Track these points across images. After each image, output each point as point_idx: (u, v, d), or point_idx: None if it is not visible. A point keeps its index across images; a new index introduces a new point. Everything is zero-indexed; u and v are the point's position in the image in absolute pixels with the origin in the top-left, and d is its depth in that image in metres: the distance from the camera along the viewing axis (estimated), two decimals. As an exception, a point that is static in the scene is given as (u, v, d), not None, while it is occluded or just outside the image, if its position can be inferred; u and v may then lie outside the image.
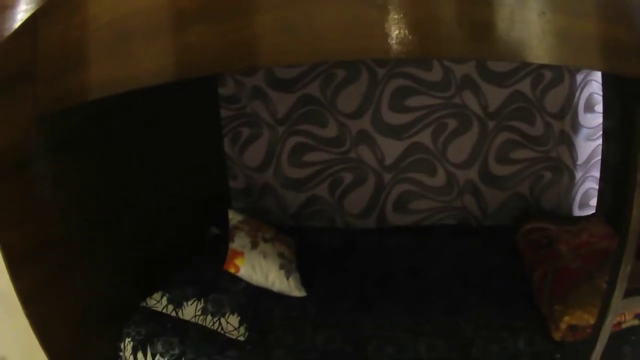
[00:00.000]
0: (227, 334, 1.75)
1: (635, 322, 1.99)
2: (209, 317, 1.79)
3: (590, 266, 2.16)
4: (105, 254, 1.67)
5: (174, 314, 1.76)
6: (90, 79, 1.07)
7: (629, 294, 1.40)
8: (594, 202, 2.68)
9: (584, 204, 2.67)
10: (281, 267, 2.08)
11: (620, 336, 1.87)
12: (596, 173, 2.64)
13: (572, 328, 1.92)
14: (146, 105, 1.85)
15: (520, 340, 1.89)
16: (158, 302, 1.77)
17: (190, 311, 1.77)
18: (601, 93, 2.61)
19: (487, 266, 2.41)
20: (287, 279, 2.05)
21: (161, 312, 1.76)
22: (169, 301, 1.76)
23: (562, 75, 2.52)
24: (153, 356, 1.65)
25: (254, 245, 2.10)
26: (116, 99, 1.15)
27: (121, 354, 1.68)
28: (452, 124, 2.46)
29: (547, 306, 2.04)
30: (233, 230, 2.14)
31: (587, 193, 2.67)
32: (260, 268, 2.02)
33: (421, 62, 2.40)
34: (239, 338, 1.75)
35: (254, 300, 1.94)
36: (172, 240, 2.06)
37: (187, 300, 1.77)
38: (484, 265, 2.41)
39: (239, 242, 2.08)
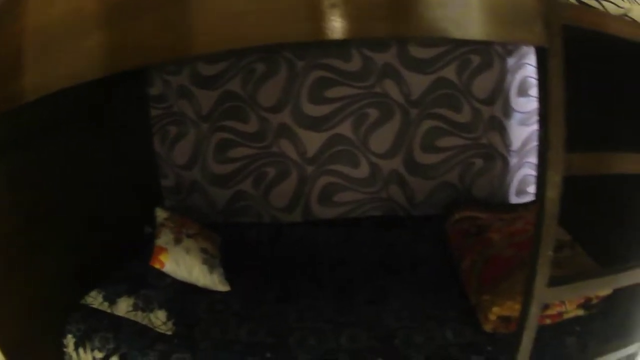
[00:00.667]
0: (156, 329, 1.74)
1: (580, 312, 1.84)
2: (140, 313, 1.78)
3: (525, 254, 2.03)
4: (47, 253, 1.69)
5: (109, 310, 1.78)
6: (25, 83, 1.17)
7: (556, 282, 1.30)
8: (532, 189, 2.54)
9: (521, 191, 2.52)
10: (204, 262, 2.05)
11: (562, 327, 1.74)
12: (533, 159, 2.50)
13: (504, 319, 1.78)
14: (82, 107, 1.93)
15: (448, 331, 1.78)
16: (95, 300, 1.79)
17: (122, 307, 1.78)
18: (536, 76, 2.51)
19: (415, 256, 2.31)
20: (211, 273, 2.02)
21: (98, 309, 1.78)
22: (104, 298, 1.78)
23: (491, 60, 2.43)
24: (92, 351, 1.68)
25: (178, 242, 2.08)
26: (54, 103, 1.23)
27: (65, 349, 1.71)
28: (373, 113, 2.39)
29: (475, 296, 1.92)
30: (159, 227, 2.14)
31: (524, 180, 2.52)
32: (184, 263, 1.99)
33: (340, 53, 2.36)
34: (167, 332, 1.74)
35: (181, 296, 1.92)
36: (110, 239, 2.07)
37: (119, 297, 1.79)
38: (411, 256, 2.30)
39: (163, 238, 2.06)
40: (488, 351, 1.67)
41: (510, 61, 2.44)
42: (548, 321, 1.77)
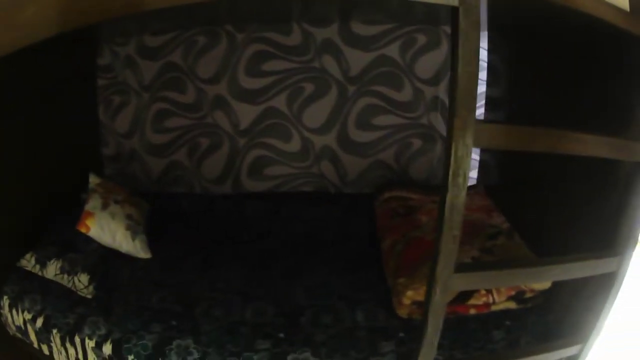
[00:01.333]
0: (78, 292, 1.73)
1: (511, 305, 1.68)
2: (66, 276, 1.76)
3: None
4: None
5: (40, 273, 1.77)
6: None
7: (463, 269, 1.17)
8: (475, 173, 2.37)
9: None
10: (127, 228, 1.99)
11: (490, 319, 1.59)
12: (478, 143, 2.34)
13: (420, 305, 1.62)
14: (33, 76, 1.93)
15: (359, 312, 1.65)
16: (28, 262, 1.78)
17: (51, 270, 1.76)
18: (487, 60, 2.38)
19: (340, 234, 2.17)
20: (133, 240, 1.96)
21: (31, 272, 1.78)
22: (36, 261, 1.77)
23: (438, 40, 2.32)
24: (22, 312, 1.68)
25: (105, 207, 2.04)
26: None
27: (2, 310, 1.72)
28: (309, 88, 2.30)
29: (392, 279, 1.78)
30: (90, 193, 2.13)
31: None
32: (108, 229, 1.93)
33: (281, 27, 2.32)
34: (87, 296, 1.72)
35: (104, 260, 1.88)
36: (49, 204, 2.05)
37: (49, 260, 1.78)
38: (336, 233, 2.17)
39: (92, 203, 2.02)
40: (400, 337, 1.53)
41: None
42: (473, 311, 1.63)
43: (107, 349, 1.52)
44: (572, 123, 1.33)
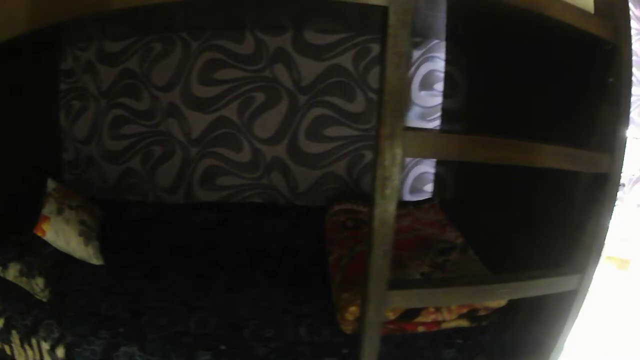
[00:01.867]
0: (35, 295, 1.73)
1: (463, 322, 1.61)
2: (24, 279, 1.75)
3: (403, 253, 1.83)
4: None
5: (2, 274, 1.77)
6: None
7: (397, 285, 1.13)
8: (430, 187, 2.30)
9: (416, 189, 2.28)
10: (81, 234, 1.97)
11: (440, 337, 1.52)
12: (433, 157, 2.27)
13: None
14: None
15: (303, 327, 1.60)
16: None
17: (11, 272, 1.76)
18: (444, 70, 2.30)
19: (288, 247, 2.12)
20: (86, 246, 1.95)
21: None
22: None
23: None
24: None
25: (60, 212, 2.01)
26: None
27: None
28: (259, 97, 2.25)
29: (336, 293, 1.74)
30: (47, 197, 2.14)
31: (419, 177, 2.28)
32: (62, 234, 1.91)
33: (234, 35, 2.28)
34: (43, 299, 1.73)
35: (59, 265, 1.87)
36: (11, 207, 2.05)
37: (10, 262, 1.77)
38: (284, 246, 2.12)
39: (48, 208, 2.00)
40: (343, 354, 1.48)
41: (416, 53, 2.25)
42: (421, 329, 1.56)
43: (60, 352, 1.52)
44: (533, 135, 1.26)
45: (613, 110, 1.12)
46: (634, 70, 2.45)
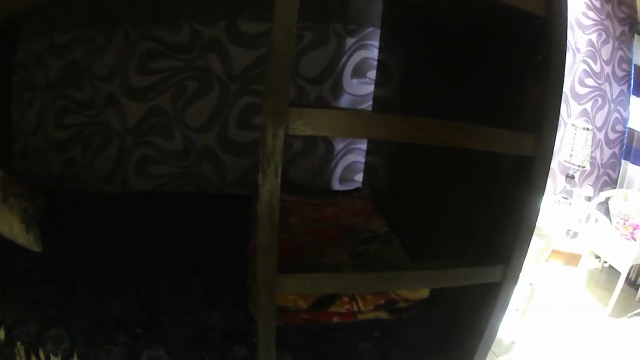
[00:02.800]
0: None
1: (382, 314, 1.56)
2: None
3: (323, 242, 1.80)
4: None
5: None
6: None
7: (287, 269, 1.09)
8: (360, 177, 2.24)
9: (346, 179, 2.23)
10: (22, 221, 2.01)
11: (357, 329, 1.49)
12: (363, 146, 2.22)
13: (278, 310, 1.58)
14: None
15: (217, 314, 1.59)
16: None
17: None
18: (376, 58, 2.25)
19: (213, 235, 2.13)
20: (27, 233, 1.98)
21: None
22: None
23: (326, 38, 2.21)
24: None
25: (4, 200, 2.06)
26: None
27: None
28: (192, 86, 2.25)
29: (251, 280, 1.73)
30: None
31: (350, 167, 2.23)
32: (6, 221, 1.96)
33: (171, 25, 2.28)
34: None
35: (2, 252, 1.92)
36: None
37: None
38: (209, 234, 2.13)
39: None
40: (254, 342, 1.44)
41: (350, 41, 2.20)
42: (337, 319, 1.52)
43: (1, 334, 1.57)
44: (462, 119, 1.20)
45: (541, 90, 1.01)
46: (590, 63, 2.36)
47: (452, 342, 1.33)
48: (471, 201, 1.35)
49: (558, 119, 0.97)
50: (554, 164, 2.74)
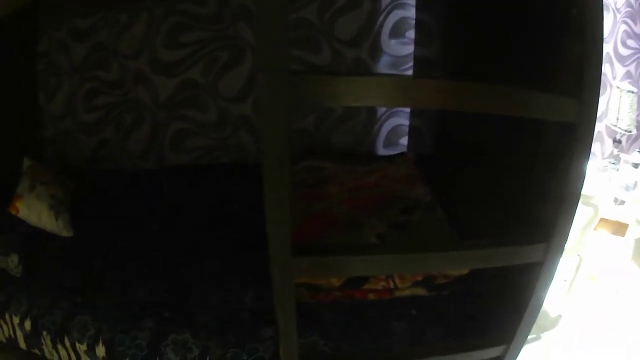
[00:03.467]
0: (10, 272, 1.75)
1: (420, 290, 1.44)
2: (1, 257, 1.77)
3: (361, 212, 1.67)
4: None
5: None
6: None
7: (305, 252, 0.90)
8: (405, 140, 2.11)
9: (390, 143, 2.11)
10: (51, 207, 1.97)
11: (393, 306, 1.38)
12: (407, 108, 2.10)
13: (311, 288, 1.45)
14: None
15: (248, 293, 1.50)
16: None
17: None
18: (414, 17, 2.13)
19: (251, 208, 2.00)
20: (57, 219, 1.95)
21: None
22: None
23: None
24: None
25: (32, 188, 2.01)
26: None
27: None
28: (223, 56, 2.15)
29: None
30: (23, 175, 2.14)
31: (395, 130, 2.11)
32: (35, 209, 1.94)
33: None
34: (17, 275, 1.75)
35: (32, 240, 1.88)
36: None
37: None
38: (246, 207, 2.02)
39: (21, 186, 2.01)
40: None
41: (385, 1, 2.09)
42: (372, 296, 1.41)
43: (28, 325, 1.53)
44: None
45: (579, 49, 0.88)
46: (630, 23, 2.22)
47: (493, 321, 1.21)
48: (514, 170, 1.22)
49: (599, 80, 0.86)
50: (601, 128, 2.58)
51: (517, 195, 1.19)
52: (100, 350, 1.38)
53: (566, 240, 0.97)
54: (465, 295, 1.38)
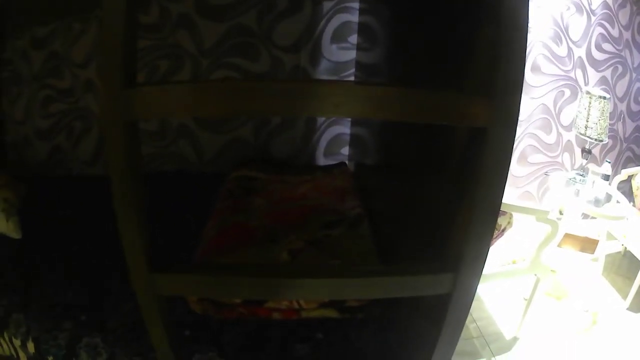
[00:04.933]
0: None
1: (330, 313, 1.34)
2: None
3: (281, 226, 1.57)
4: None
5: None
6: None
7: (163, 268, 0.84)
8: (346, 150, 1.98)
9: (331, 152, 1.99)
10: (2, 210, 1.97)
11: (299, 328, 1.30)
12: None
13: (215, 303, 1.37)
14: None
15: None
16: None
17: None
18: (357, 21, 2.00)
19: (191, 213, 1.93)
20: (7, 221, 1.94)
21: None
22: None
23: (301, 3, 2.00)
24: None
25: None
26: None
27: None
28: (163, 65, 2.09)
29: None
30: None
31: (335, 139, 1.99)
32: None
33: (143, 7, 2.13)
34: None
35: None
36: None
37: None
38: (186, 213, 1.94)
39: None
40: (185, 335, 1.31)
41: (327, 5, 1.97)
42: (277, 315, 1.33)
43: None
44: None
45: (493, 33, 0.71)
46: (607, 26, 2.01)
47: (408, 352, 1.08)
48: (426, 186, 1.06)
49: (521, 74, 0.67)
50: (571, 137, 2.37)
51: (428, 216, 1.04)
52: (31, 346, 1.41)
53: (480, 269, 0.81)
54: (383, 320, 1.24)
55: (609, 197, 2.20)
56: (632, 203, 2.33)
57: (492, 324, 1.97)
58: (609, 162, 2.32)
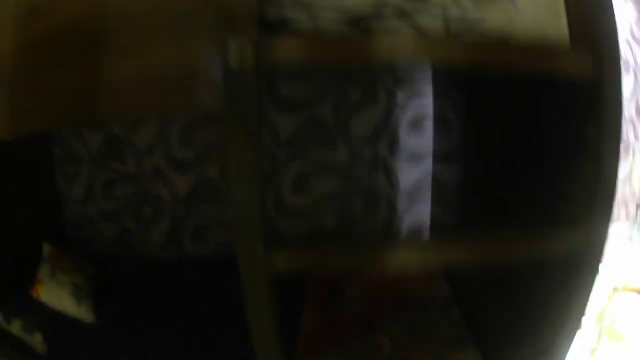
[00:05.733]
0: (36, 349, 1.79)
1: None
2: (26, 334, 1.84)
3: (376, 314, 1.62)
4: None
5: (8, 328, 1.86)
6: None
7: None
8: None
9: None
10: (72, 294, 2.01)
11: None
12: (427, 202, 2.01)
13: None
14: None
15: None
16: None
17: (16, 327, 1.85)
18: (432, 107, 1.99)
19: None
20: (78, 305, 2.00)
21: (3, 328, 1.87)
22: (3, 317, 1.88)
23: (374, 94, 1.97)
24: None
25: (52, 275, 2.04)
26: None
27: None
28: None
29: None
30: (43, 260, 2.11)
31: (415, 225, 2.03)
32: (56, 295, 1.98)
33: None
34: (41, 352, 1.80)
35: (54, 322, 1.93)
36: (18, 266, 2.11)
37: (14, 318, 1.87)
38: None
39: (42, 270, 2.04)
40: None
41: (401, 95, 1.96)
42: None
43: None
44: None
45: (591, 170, 0.76)
46: None
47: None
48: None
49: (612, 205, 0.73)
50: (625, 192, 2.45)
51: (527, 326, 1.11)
52: None
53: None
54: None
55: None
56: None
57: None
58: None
